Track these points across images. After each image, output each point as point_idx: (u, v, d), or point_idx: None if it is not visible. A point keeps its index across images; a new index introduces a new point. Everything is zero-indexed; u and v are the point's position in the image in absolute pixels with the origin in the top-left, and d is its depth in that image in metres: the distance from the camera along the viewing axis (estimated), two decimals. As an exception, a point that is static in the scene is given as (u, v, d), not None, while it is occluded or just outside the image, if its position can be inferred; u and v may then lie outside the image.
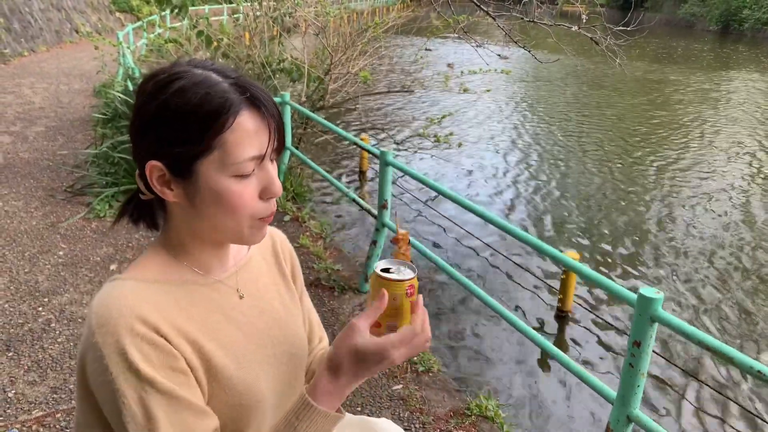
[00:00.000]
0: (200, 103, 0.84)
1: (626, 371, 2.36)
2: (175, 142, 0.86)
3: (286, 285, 1.16)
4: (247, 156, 0.86)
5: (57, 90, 11.47)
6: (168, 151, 0.87)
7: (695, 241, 6.62)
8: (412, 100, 12.90)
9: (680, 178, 8.95)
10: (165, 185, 0.90)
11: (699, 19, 43.51)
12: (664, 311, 2.24)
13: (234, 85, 0.87)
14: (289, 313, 1.13)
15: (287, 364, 1.07)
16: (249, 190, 0.88)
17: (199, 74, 0.87)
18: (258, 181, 0.89)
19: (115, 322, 0.82)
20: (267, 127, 0.88)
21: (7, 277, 4.35)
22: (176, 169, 0.88)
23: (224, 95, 0.85)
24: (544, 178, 8.67)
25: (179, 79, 0.86)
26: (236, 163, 0.86)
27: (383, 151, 4.21)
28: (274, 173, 0.91)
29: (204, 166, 0.86)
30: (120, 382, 0.81)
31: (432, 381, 3.49)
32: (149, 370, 0.82)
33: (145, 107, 0.88)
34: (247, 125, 0.86)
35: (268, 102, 0.89)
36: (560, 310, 4.92)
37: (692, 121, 13.04)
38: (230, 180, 0.86)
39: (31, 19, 16.70)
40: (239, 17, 8.64)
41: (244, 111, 0.86)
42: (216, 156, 0.85)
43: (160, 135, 0.87)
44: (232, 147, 0.85)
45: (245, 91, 0.87)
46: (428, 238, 6.32)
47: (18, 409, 3.04)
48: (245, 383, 0.96)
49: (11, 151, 7.43)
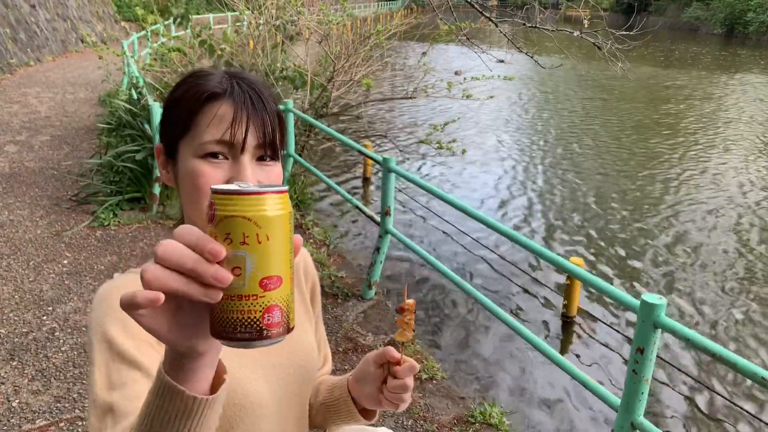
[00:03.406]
0: (189, 90, 0.91)
1: (630, 378, 2.34)
2: (168, 124, 0.94)
3: (301, 300, 1.17)
4: (211, 137, 0.88)
5: (62, 99, 11.54)
6: (164, 133, 0.96)
7: (700, 248, 6.59)
8: (415, 107, 12.91)
9: (685, 184, 8.92)
10: (164, 167, 0.97)
11: (703, 23, 43.45)
12: (667, 317, 2.23)
13: (227, 77, 0.92)
14: (301, 326, 1.13)
15: (294, 375, 1.07)
16: (214, 174, 0.88)
17: (205, 71, 0.95)
18: (229, 170, 0.89)
19: (111, 299, 0.88)
20: (238, 115, 0.89)
21: (11, 285, 4.36)
22: (168, 151, 0.95)
23: (210, 83, 0.90)
24: (548, 185, 8.66)
25: (189, 76, 0.95)
26: (201, 143, 0.88)
27: (386, 158, 4.21)
28: (248, 169, 0.89)
29: (183, 146, 0.92)
30: (96, 349, 0.85)
31: (435, 388, 3.48)
32: (124, 339, 0.84)
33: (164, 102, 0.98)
34: (221, 111, 0.88)
35: (246, 94, 0.90)
36: (565, 316, 4.90)
37: (698, 126, 13.01)
38: (197, 161, 0.89)
39: (37, 29, 16.82)
40: (242, 26, 8.68)
41: (223, 99, 0.89)
42: (190, 136, 0.90)
43: (162, 120, 0.96)
44: (201, 128, 0.89)
45: (231, 83, 0.91)
46: (431, 245, 6.31)
47: (22, 419, 3.05)
48: (238, 381, 0.96)
49: (17, 160, 7.47)
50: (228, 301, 0.55)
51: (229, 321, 0.55)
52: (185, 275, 0.53)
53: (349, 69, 7.22)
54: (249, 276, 0.54)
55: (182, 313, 0.56)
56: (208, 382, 0.63)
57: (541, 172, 9.27)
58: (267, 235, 0.54)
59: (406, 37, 8.87)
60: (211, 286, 0.53)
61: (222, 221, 0.54)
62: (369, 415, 1.12)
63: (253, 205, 0.54)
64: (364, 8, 34.25)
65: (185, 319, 0.57)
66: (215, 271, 0.53)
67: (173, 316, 0.56)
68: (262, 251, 0.54)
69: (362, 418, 1.11)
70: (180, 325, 0.56)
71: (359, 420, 1.11)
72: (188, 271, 0.53)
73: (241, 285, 0.54)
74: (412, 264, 5.65)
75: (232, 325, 0.55)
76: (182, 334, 0.57)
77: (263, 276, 0.55)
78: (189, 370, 0.60)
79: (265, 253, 0.55)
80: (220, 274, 0.53)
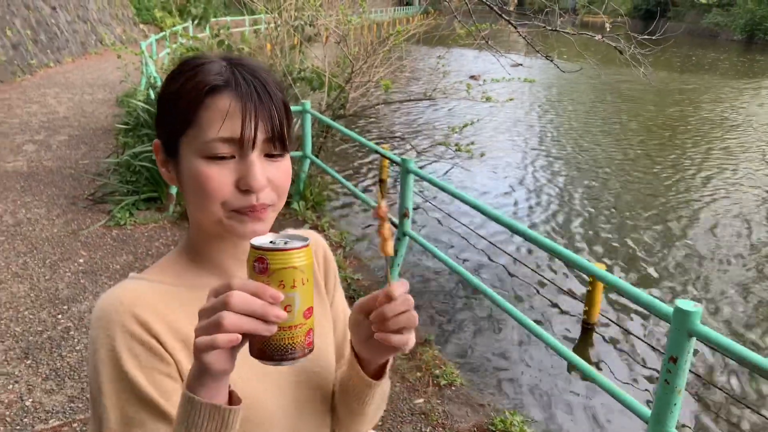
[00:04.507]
0: (188, 82, 0.84)
1: (662, 388, 2.25)
2: (165, 120, 0.87)
3: (318, 295, 1.06)
4: (215, 136, 0.81)
5: (81, 100, 11.62)
6: (162, 130, 0.89)
7: (730, 253, 6.44)
8: (433, 109, 12.85)
9: (709, 187, 8.75)
10: (164, 165, 0.91)
11: (723, 29, 42.96)
12: (702, 325, 2.13)
13: (226, 65, 0.85)
14: (317, 326, 1.03)
15: (307, 382, 0.99)
16: (222, 176, 0.82)
17: (201, 58, 0.87)
18: (237, 169, 0.83)
19: (109, 318, 0.83)
20: (247, 110, 0.82)
21: (27, 284, 4.35)
22: (168, 148, 0.88)
23: (210, 74, 0.83)
24: (567, 189, 8.54)
25: (183, 64, 0.88)
26: (206, 142, 0.82)
27: (404, 159, 4.15)
28: (258, 167, 0.83)
29: (184, 144, 0.85)
30: (104, 379, 0.81)
31: (455, 395, 3.40)
32: (134, 371, 0.81)
33: (158, 95, 0.91)
34: (223, 105, 0.82)
35: (251, 85, 0.83)
36: (586, 323, 4.78)
37: (721, 131, 12.80)
38: (202, 161, 0.83)
39: (58, 31, 17.00)
40: (260, 28, 8.68)
41: (225, 91, 0.82)
42: (191, 134, 0.83)
43: (158, 114, 0.89)
44: (204, 125, 0.82)
45: (233, 72, 0.84)
46: (450, 247, 6.22)
47: (35, 418, 3.01)
48: (243, 393, 0.88)
49: (35, 159, 7.50)
50: (281, 331, 0.70)
51: (281, 347, 0.72)
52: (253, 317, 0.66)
53: (367, 70, 7.17)
54: (297, 311, 0.71)
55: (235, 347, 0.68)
56: (227, 396, 0.74)
57: (558, 176, 9.15)
58: (306, 278, 0.72)
59: (424, 40, 8.81)
60: (273, 323, 0.68)
61: (276, 272, 0.70)
62: (378, 374, 0.96)
63: (299, 257, 0.71)
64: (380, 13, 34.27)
65: (234, 350, 0.69)
66: (278, 311, 0.68)
67: (229, 350, 0.68)
68: (304, 291, 0.72)
69: (373, 380, 0.95)
70: (229, 357, 0.69)
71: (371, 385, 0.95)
72: (257, 314, 0.67)
73: (291, 318, 0.71)
74: (430, 267, 5.57)
75: (284, 349, 0.72)
76: (229, 363, 0.70)
77: (305, 308, 0.72)
78: (215, 389, 0.71)
79: (305, 291, 0.72)
80: (281, 314, 0.68)
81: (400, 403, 3.27)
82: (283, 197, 0.90)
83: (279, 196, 0.89)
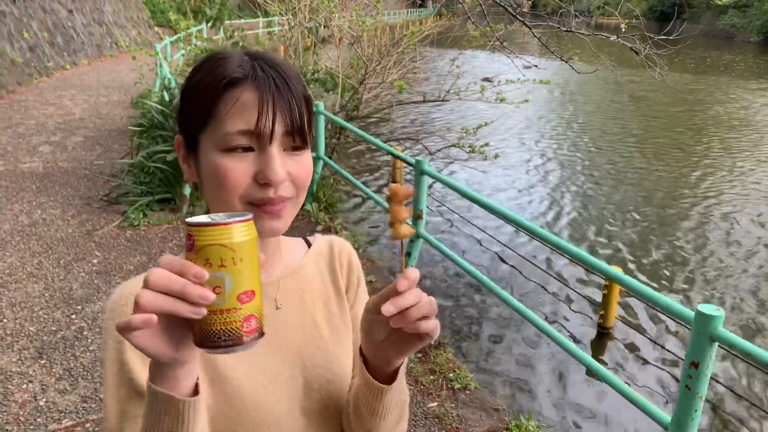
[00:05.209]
0: (207, 76, 0.83)
1: (683, 394, 2.19)
2: (186, 115, 0.86)
3: (339, 302, 1.03)
4: (234, 129, 0.80)
5: (96, 101, 11.71)
6: (183, 125, 0.88)
7: (747, 256, 6.33)
8: (446, 110, 12.81)
9: (726, 191, 8.63)
10: (185, 161, 0.89)
11: (739, 31, 42.52)
12: (725, 330, 2.08)
13: (247, 59, 0.84)
14: (335, 334, 1.00)
15: (319, 390, 0.95)
16: (240, 169, 0.81)
17: (223, 53, 0.87)
18: (256, 162, 0.81)
19: (120, 311, 0.84)
20: (264, 102, 0.80)
21: (42, 284, 4.37)
22: (189, 144, 0.87)
23: (229, 67, 0.82)
24: (581, 192, 8.46)
25: (205, 59, 0.87)
26: (224, 135, 0.80)
27: (419, 160, 4.12)
28: (277, 160, 0.81)
29: (204, 139, 0.84)
30: (108, 372, 0.82)
31: (469, 399, 3.35)
32: (136, 366, 0.81)
33: (180, 90, 0.91)
34: (242, 98, 0.80)
35: (270, 76, 0.82)
36: (601, 327, 4.71)
37: (738, 133, 12.64)
38: (221, 155, 0.81)
39: (74, 34, 17.16)
40: (274, 30, 8.69)
41: (245, 84, 0.81)
42: (211, 128, 0.82)
43: (181, 110, 0.88)
44: (223, 118, 0.81)
45: (253, 65, 0.83)
46: (462, 250, 6.17)
47: (48, 418, 3.01)
48: (251, 398, 0.87)
49: (51, 160, 7.56)
50: (211, 315, 0.64)
51: (213, 332, 0.65)
52: (174, 297, 0.61)
53: (381, 71, 7.15)
54: (228, 293, 0.64)
55: (166, 330, 0.64)
56: (190, 388, 0.70)
57: (573, 178, 9.07)
58: (240, 258, 0.64)
59: (437, 42, 8.77)
60: (196, 304, 0.62)
61: (201, 249, 0.63)
62: (390, 379, 0.89)
63: (227, 233, 0.64)
64: (393, 15, 34.31)
65: (169, 335, 0.64)
66: (201, 291, 0.61)
67: (159, 333, 0.63)
68: (237, 271, 0.64)
69: (385, 385, 0.88)
70: (165, 341, 0.64)
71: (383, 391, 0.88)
72: (177, 293, 0.61)
73: (222, 301, 0.64)
74: (444, 269, 5.53)
75: (216, 335, 0.65)
76: (167, 348, 0.64)
77: (240, 291, 0.65)
78: (173, 378, 0.68)
79: (240, 272, 0.65)
80: (205, 294, 0.62)
81: (414, 407, 3.24)
82: (302, 192, 0.87)
83: (299, 190, 0.86)
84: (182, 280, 0.61)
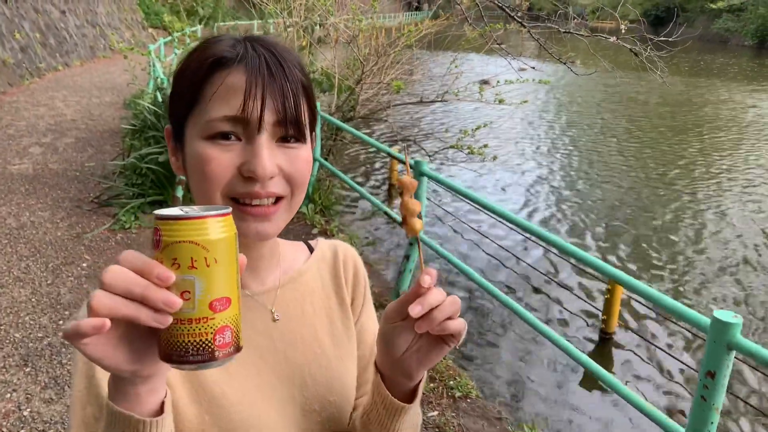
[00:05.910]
0: (196, 58, 0.75)
1: (697, 405, 2.09)
2: (173, 100, 0.78)
3: (342, 313, 0.93)
4: (218, 114, 0.71)
5: (88, 103, 11.57)
6: (172, 112, 0.78)
7: (757, 259, 6.26)
8: (444, 111, 12.73)
9: (731, 194, 8.57)
10: (173, 153, 0.80)
11: (733, 35, 42.68)
12: (743, 338, 1.98)
13: (241, 41, 0.75)
14: (338, 349, 0.90)
15: (320, 412, 0.85)
16: (224, 159, 0.71)
17: (220, 36, 0.78)
18: (242, 153, 0.72)
19: None
20: (253, 86, 0.70)
21: (29, 288, 4.24)
22: (176, 134, 0.78)
23: (219, 47, 0.74)
24: (582, 193, 8.38)
25: (201, 42, 0.79)
26: (208, 120, 0.71)
27: (417, 161, 4.02)
28: (265, 151, 0.71)
29: (189, 126, 0.75)
30: (75, 385, 0.75)
31: (470, 407, 3.25)
32: (104, 381, 0.69)
33: None
34: (228, 80, 0.71)
35: (262, 58, 0.72)
36: (603, 332, 4.62)
37: (740, 136, 12.61)
38: (203, 143, 0.72)
39: (67, 35, 17.01)
40: (270, 29, 8.59)
41: (232, 65, 0.72)
42: (196, 113, 0.74)
43: (170, 97, 0.79)
44: (207, 103, 0.72)
45: (245, 46, 0.74)
46: (462, 253, 6.07)
47: (32, 429, 2.89)
48: (247, 422, 0.78)
49: (41, 162, 7.42)
50: (178, 325, 0.54)
51: (180, 344, 0.55)
52: (134, 301, 0.51)
53: (377, 72, 7.06)
54: (199, 299, 0.54)
55: (125, 339, 0.54)
56: (155, 406, 0.61)
57: (574, 180, 9.00)
58: (215, 258, 0.54)
59: (434, 43, 8.69)
60: (160, 311, 0.52)
61: (168, 246, 0.53)
62: (408, 396, 0.82)
63: (200, 229, 0.54)
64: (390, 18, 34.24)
65: (128, 345, 0.55)
66: (165, 296, 0.52)
67: (117, 343, 0.54)
68: (210, 274, 0.54)
69: (406, 404, 0.80)
70: (123, 352, 0.54)
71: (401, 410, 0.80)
72: (137, 296, 0.51)
73: (191, 308, 0.54)
74: (443, 273, 5.43)
75: (184, 348, 0.55)
76: (125, 360, 0.55)
77: (213, 298, 0.55)
78: (134, 396, 0.59)
79: (213, 275, 0.54)
80: (170, 299, 0.52)
81: (414, 416, 3.13)
82: (298, 190, 0.76)
83: (293, 187, 0.75)
84: (144, 282, 0.52)
